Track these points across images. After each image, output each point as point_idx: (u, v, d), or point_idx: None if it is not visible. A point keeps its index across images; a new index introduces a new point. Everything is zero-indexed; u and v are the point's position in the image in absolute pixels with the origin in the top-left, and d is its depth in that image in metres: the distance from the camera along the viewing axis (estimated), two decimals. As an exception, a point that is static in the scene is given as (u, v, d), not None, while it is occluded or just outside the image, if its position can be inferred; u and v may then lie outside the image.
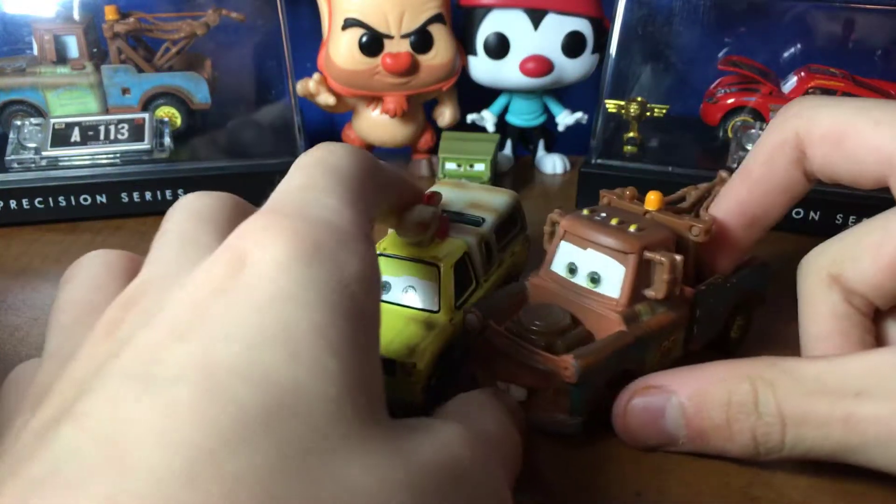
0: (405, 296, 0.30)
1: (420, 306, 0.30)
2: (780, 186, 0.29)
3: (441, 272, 0.30)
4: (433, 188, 0.35)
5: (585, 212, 0.30)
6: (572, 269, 0.29)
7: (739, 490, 0.26)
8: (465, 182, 0.38)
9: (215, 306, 0.16)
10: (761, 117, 0.51)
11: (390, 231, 0.31)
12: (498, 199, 0.35)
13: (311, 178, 0.21)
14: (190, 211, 0.22)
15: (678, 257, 0.28)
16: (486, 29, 0.53)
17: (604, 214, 0.30)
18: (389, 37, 0.50)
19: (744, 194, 0.30)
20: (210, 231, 0.21)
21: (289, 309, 0.16)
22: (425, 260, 0.30)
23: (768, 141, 0.29)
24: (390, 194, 0.26)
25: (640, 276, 0.28)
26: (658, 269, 0.28)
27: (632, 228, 0.29)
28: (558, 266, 0.30)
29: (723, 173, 0.33)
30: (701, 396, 0.25)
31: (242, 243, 0.18)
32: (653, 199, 0.31)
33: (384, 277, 0.30)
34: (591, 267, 0.29)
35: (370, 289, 0.19)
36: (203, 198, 0.23)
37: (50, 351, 0.21)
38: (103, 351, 0.17)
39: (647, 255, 0.28)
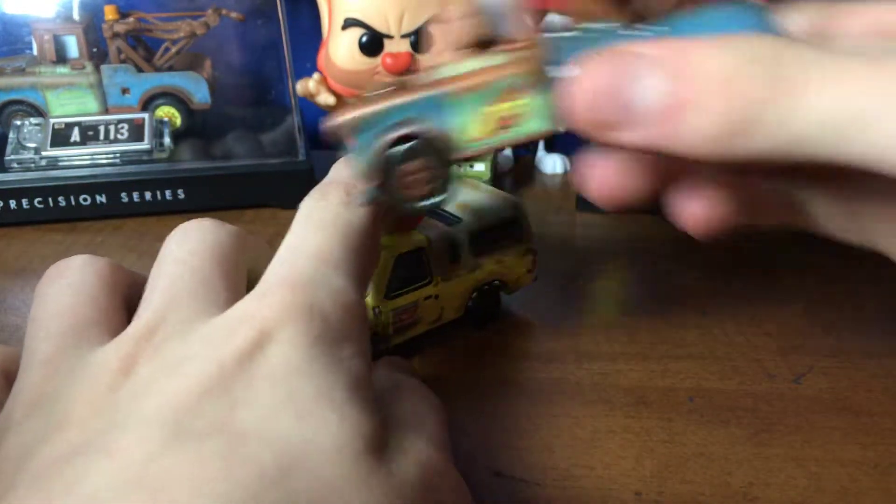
0: None
1: None
2: None
3: (380, 260, 0.30)
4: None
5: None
6: None
7: (739, 490, 0.26)
8: (475, 182, 0.37)
9: (238, 372, 0.18)
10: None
11: None
12: (494, 203, 0.35)
13: (323, 244, 0.22)
14: (205, 245, 0.23)
15: None
16: (486, 29, 0.53)
17: None
18: (389, 37, 0.50)
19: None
20: (222, 274, 0.22)
21: (297, 380, 0.19)
22: None
23: None
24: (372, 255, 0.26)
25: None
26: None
27: None
28: None
29: None
30: (696, 61, 0.19)
31: (264, 319, 0.20)
32: None
33: None
34: None
35: (364, 360, 0.21)
36: (215, 231, 0.24)
37: (40, 358, 0.21)
38: (126, 388, 0.19)
39: None
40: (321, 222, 0.23)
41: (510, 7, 0.24)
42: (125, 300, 0.23)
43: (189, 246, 0.23)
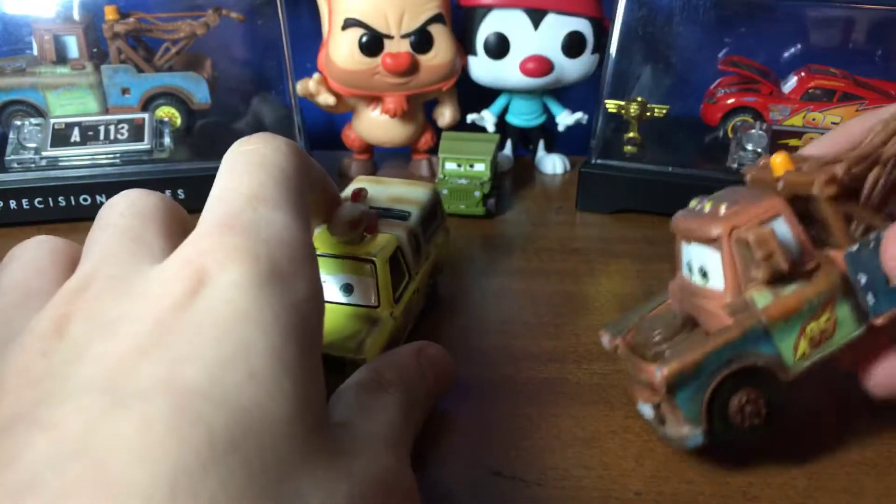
0: (343, 293, 0.31)
1: (359, 302, 0.30)
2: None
3: (377, 267, 0.30)
4: (353, 184, 0.35)
5: (692, 204, 0.28)
6: (690, 269, 0.27)
7: (739, 490, 0.26)
8: (383, 178, 0.38)
9: (177, 323, 0.17)
10: (761, 117, 0.51)
11: (319, 229, 0.31)
12: (418, 192, 0.36)
13: (261, 186, 0.21)
14: (133, 208, 0.22)
15: (768, 229, 0.24)
16: (486, 29, 0.53)
17: (705, 200, 0.27)
18: (389, 37, 0.50)
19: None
20: (155, 231, 0.21)
21: (247, 330, 0.17)
22: (360, 256, 0.30)
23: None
24: (321, 191, 0.27)
25: (745, 261, 0.25)
26: (754, 249, 0.24)
27: (723, 209, 0.25)
28: (684, 268, 0.28)
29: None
30: None
31: (202, 261, 0.18)
32: (779, 162, 0.26)
33: (322, 276, 0.30)
34: (699, 262, 0.26)
35: (317, 309, 0.20)
36: (145, 197, 0.23)
37: None
38: (59, 352, 0.17)
39: (738, 234, 0.24)
40: (249, 165, 0.22)
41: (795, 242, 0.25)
42: None
43: (118, 209, 0.22)
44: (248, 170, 0.21)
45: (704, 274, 0.26)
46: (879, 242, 0.22)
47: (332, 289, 0.31)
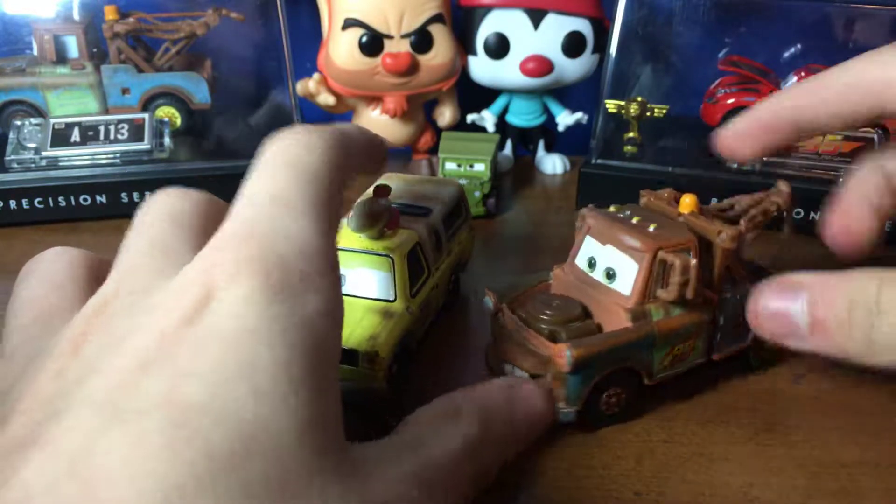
0: (361, 287, 0.31)
1: (376, 296, 0.31)
2: (845, 114, 0.29)
3: (395, 262, 0.30)
4: (380, 181, 0.35)
5: (612, 208, 0.31)
6: (592, 264, 0.30)
7: (739, 490, 0.26)
8: (409, 175, 0.38)
9: (181, 338, 0.16)
10: (761, 117, 0.51)
11: (342, 224, 0.31)
12: (443, 190, 0.37)
13: (284, 188, 0.20)
14: (164, 212, 0.22)
15: (693, 261, 0.28)
16: (486, 29, 0.53)
17: (628, 213, 0.30)
18: (389, 37, 0.50)
19: (804, 102, 0.29)
20: (184, 238, 0.21)
21: (252, 346, 0.16)
22: (379, 251, 0.30)
23: (852, 76, 0.29)
24: (359, 163, 0.25)
25: (655, 277, 0.28)
26: (672, 271, 0.28)
27: (651, 228, 0.29)
28: (581, 260, 0.30)
29: (782, 184, 0.32)
30: (828, 290, 0.24)
31: (212, 274, 0.18)
32: (687, 203, 0.30)
33: (342, 270, 0.30)
34: (607, 263, 0.29)
35: (332, 323, 0.19)
36: (180, 199, 0.22)
37: (7, 352, 0.20)
38: (71, 370, 0.17)
39: (662, 255, 0.28)
40: (277, 165, 0.21)
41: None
42: (98, 286, 0.21)
43: (150, 214, 0.22)
44: (274, 171, 0.21)
45: (610, 275, 0.29)
46: (745, 298, 0.25)
47: (351, 282, 0.31)
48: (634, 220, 0.29)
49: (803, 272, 0.25)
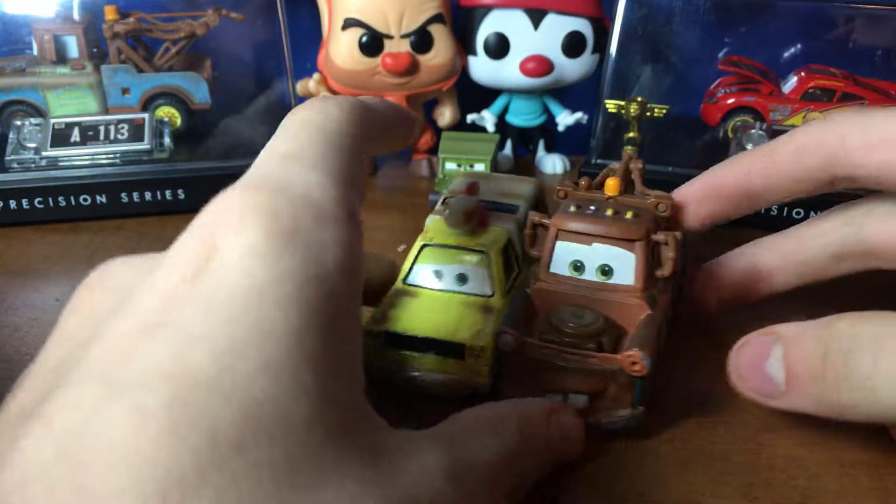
0: (458, 283, 0.31)
1: (474, 292, 0.31)
2: (797, 176, 0.29)
3: (492, 258, 0.31)
4: (463, 177, 0.36)
5: (572, 208, 0.30)
6: (578, 267, 0.29)
7: (739, 490, 0.26)
8: (490, 173, 0.39)
9: (185, 297, 0.15)
10: (761, 117, 0.51)
11: (431, 220, 0.32)
12: (523, 187, 0.37)
13: (297, 144, 0.19)
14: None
15: (678, 234, 0.28)
16: (486, 29, 0.53)
17: (593, 207, 0.30)
18: (389, 37, 0.50)
19: (757, 165, 0.30)
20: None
21: (263, 308, 0.15)
22: (475, 247, 0.31)
23: (804, 137, 0.29)
24: (382, 136, 0.24)
25: (649, 260, 0.28)
26: (664, 248, 0.28)
27: (628, 216, 0.29)
28: (560, 266, 0.30)
29: (628, 148, 0.34)
30: (802, 338, 0.23)
31: (217, 222, 0.16)
32: (612, 185, 0.31)
33: (436, 266, 0.31)
34: (600, 260, 0.29)
35: (352, 280, 0.17)
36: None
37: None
38: (76, 334, 0.16)
39: (654, 237, 0.28)
40: (291, 128, 0.20)
41: None
42: None
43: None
44: (288, 133, 0.20)
45: (606, 271, 0.29)
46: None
47: (447, 278, 0.31)
48: (609, 213, 0.29)
49: (783, 324, 0.24)
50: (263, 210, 0.16)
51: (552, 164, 0.56)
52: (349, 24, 0.49)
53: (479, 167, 0.48)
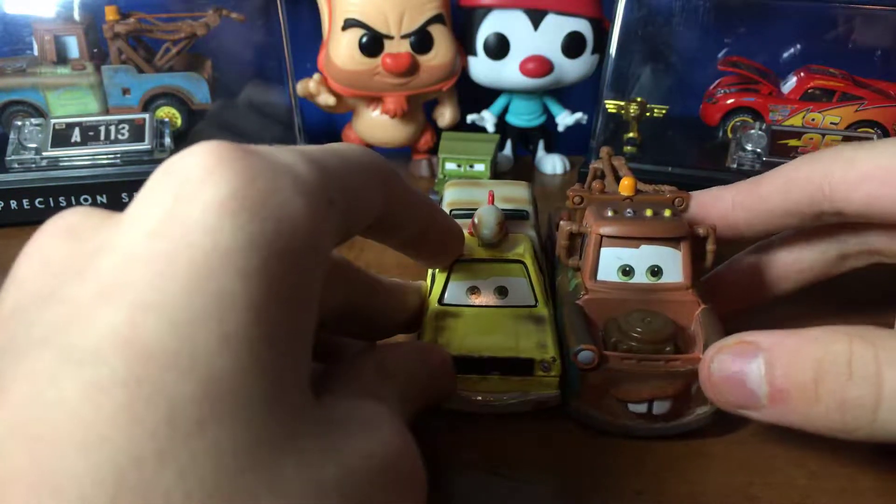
0: (499, 296, 0.30)
1: (518, 304, 0.30)
2: (783, 211, 0.29)
3: (528, 266, 0.30)
4: (448, 189, 0.36)
5: (609, 213, 0.29)
6: (627, 271, 0.29)
7: (739, 490, 0.26)
8: (475, 180, 0.39)
9: (144, 255, 0.14)
10: (761, 117, 0.52)
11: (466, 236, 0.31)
12: (520, 190, 0.37)
13: (298, 150, 0.18)
14: None
15: (714, 225, 0.29)
16: (486, 29, 0.53)
17: (630, 211, 0.29)
18: (389, 37, 0.50)
19: (741, 197, 0.30)
20: None
21: (224, 273, 0.14)
22: (510, 258, 0.30)
23: (792, 171, 0.29)
24: (407, 215, 0.23)
25: (693, 255, 0.29)
26: (707, 241, 0.29)
27: (667, 214, 0.29)
28: (607, 273, 0.29)
29: (606, 149, 0.35)
30: (789, 353, 0.22)
31: (183, 165, 0.15)
32: (627, 185, 0.31)
33: (472, 282, 0.30)
34: (649, 262, 0.29)
35: (318, 259, 0.16)
36: None
37: None
38: (30, 286, 0.15)
39: (695, 231, 0.29)
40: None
41: None
42: None
43: None
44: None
45: (655, 272, 0.29)
46: None
47: (485, 293, 0.30)
48: (648, 214, 0.29)
49: (760, 331, 0.23)
50: (240, 164, 0.15)
51: (552, 164, 0.57)
52: (349, 24, 0.49)
53: (479, 167, 0.48)
